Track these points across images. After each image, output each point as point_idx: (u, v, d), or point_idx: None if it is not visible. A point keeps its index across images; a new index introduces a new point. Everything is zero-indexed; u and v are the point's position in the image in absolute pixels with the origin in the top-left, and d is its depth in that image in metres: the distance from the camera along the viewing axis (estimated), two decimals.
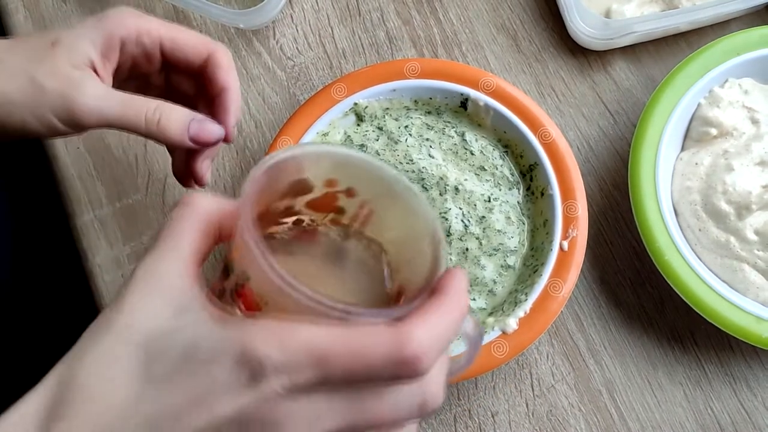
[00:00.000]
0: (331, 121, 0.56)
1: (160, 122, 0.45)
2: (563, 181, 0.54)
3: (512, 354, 0.50)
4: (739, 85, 0.57)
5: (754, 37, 0.57)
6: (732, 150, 0.56)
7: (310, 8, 0.64)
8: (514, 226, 0.55)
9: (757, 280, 0.54)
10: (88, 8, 0.64)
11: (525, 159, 0.56)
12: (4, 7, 0.64)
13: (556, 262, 0.52)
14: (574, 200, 0.54)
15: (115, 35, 0.46)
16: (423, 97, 0.57)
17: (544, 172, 0.55)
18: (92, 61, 0.46)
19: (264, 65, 0.63)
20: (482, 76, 0.56)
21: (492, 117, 0.56)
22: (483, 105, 0.56)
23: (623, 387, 0.55)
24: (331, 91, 0.56)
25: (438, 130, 0.57)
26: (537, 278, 0.52)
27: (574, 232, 0.53)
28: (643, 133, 0.56)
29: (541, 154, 0.55)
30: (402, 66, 0.56)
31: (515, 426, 0.55)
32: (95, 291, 0.58)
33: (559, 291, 0.52)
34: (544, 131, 0.55)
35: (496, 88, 0.56)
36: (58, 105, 0.44)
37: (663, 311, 0.57)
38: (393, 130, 0.57)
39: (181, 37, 0.48)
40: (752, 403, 0.55)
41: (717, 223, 0.54)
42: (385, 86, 0.56)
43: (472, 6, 0.64)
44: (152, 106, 0.46)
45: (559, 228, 0.53)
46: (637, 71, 0.62)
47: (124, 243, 0.59)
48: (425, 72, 0.56)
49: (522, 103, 0.56)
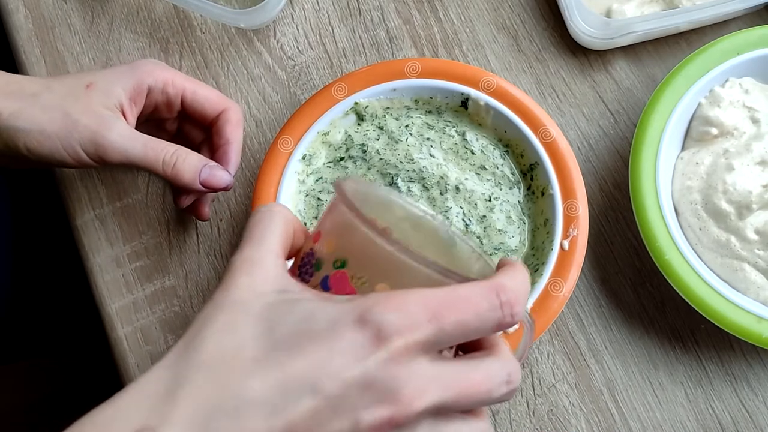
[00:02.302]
0: (332, 121, 0.56)
1: (175, 166, 0.51)
2: (564, 180, 0.54)
3: None
4: (740, 84, 0.57)
5: (754, 37, 0.57)
6: (732, 149, 0.56)
7: (310, 7, 0.64)
8: (514, 226, 0.55)
9: (757, 279, 0.54)
10: (89, 8, 0.64)
11: (525, 158, 0.56)
12: (4, 7, 0.64)
13: (556, 261, 0.52)
14: (575, 199, 0.54)
15: (144, 83, 0.52)
16: (423, 96, 0.57)
17: (545, 171, 0.55)
18: (122, 105, 0.51)
19: (264, 64, 0.63)
20: (483, 75, 0.56)
21: (492, 116, 0.56)
22: (484, 104, 0.56)
23: (624, 386, 0.55)
24: (332, 90, 0.56)
25: (438, 130, 0.57)
26: (538, 278, 0.52)
27: (574, 232, 0.53)
28: (643, 132, 0.56)
29: (542, 153, 0.55)
30: (402, 65, 0.56)
31: (516, 425, 0.55)
32: (95, 290, 0.58)
33: (559, 290, 0.52)
34: (545, 131, 0.55)
35: (496, 87, 0.56)
36: (87, 139, 0.49)
37: (663, 311, 0.57)
38: (393, 130, 0.57)
39: (202, 92, 0.54)
40: (753, 403, 0.55)
41: (717, 223, 0.54)
42: (385, 86, 0.56)
43: (472, 5, 0.64)
44: (171, 150, 0.51)
45: (559, 227, 0.53)
46: (637, 71, 0.62)
47: (124, 243, 0.59)
48: (426, 71, 0.56)
49: (522, 103, 0.56)
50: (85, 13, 0.64)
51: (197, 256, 0.59)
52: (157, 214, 0.59)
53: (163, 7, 0.64)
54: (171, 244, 0.59)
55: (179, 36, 0.63)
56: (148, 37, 0.63)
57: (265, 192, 0.54)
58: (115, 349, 0.57)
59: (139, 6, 0.64)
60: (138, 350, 0.56)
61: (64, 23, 0.63)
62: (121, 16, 0.63)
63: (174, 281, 0.58)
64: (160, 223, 0.59)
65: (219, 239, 0.59)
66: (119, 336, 0.57)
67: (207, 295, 0.58)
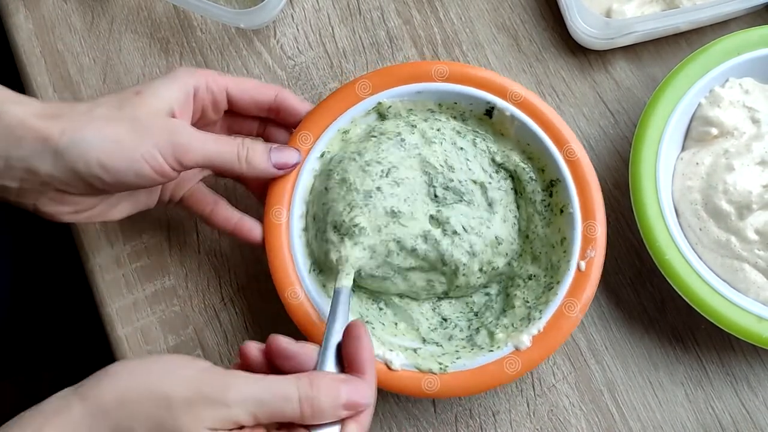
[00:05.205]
0: (353, 119, 0.55)
1: (248, 157, 0.50)
2: (585, 200, 0.53)
3: (524, 370, 0.50)
4: (740, 84, 0.57)
5: (754, 37, 0.57)
6: (732, 150, 0.56)
7: (310, 8, 0.64)
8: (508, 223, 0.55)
9: (758, 279, 0.54)
10: (89, 8, 0.64)
11: (546, 173, 0.55)
12: (5, 7, 0.64)
13: (572, 282, 0.52)
14: (594, 220, 0.52)
15: (189, 85, 0.50)
16: (447, 101, 0.55)
17: (567, 189, 0.53)
18: (173, 111, 0.49)
19: (264, 65, 0.63)
20: (510, 86, 0.55)
21: (517, 128, 0.55)
22: (509, 115, 0.55)
23: (624, 386, 0.55)
24: (356, 87, 0.55)
25: (469, 141, 0.55)
26: (552, 296, 0.52)
27: (592, 253, 0.52)
28: (643, 132, 0.56)
29: (565, 171, 0.53)
30: (430, 68, 0.55)
31: (516, 425, 0.55)
32: (95, 291, 0.58)
33: (573, 311, 0.51)
34: (569, 148, 0.54)
35: (523, 99, 0.54)
36: (165, 142, 0.47)
37: (664, 311, 0.57)
38: (426, 130, 0.55)
39: (246, 84, 0.53)
40: (753, 403, 0.55)
41: (718, 223, 0.54)
42: (411, 87, 0.55)
43: (472, 5, 0.64)
44: (239, 142, 0.50)
45: (577, 248, 0.52)
46: (637, 71, 0.62)
47: (124, 243, 0.59)
48: (453, 76, 0.55)
49: (549, 119, 0.54)
50: (85, 13, 0.64)
51: (197, 256, 0.59)
52: (157, 214, 0.59)
53: (163, 7, 0.64)
54: (171, 244, 0.59)
55: (179, 36, 0.63)
56: (148, 37, 0.63)
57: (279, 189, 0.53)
58: (115, 349, 0.57)
59: (139, 6, 0.64)
60: (138, 350, 0.56)
61: (64, 23, 0.63)
62: (121, 16, 0.63)
63: (174, 281, 0.58)
64: (160, 223, 0.59)
65: (219, 239, 0.59)
66: (119, 336, 0.57)
67: (207, 295, 0.58)
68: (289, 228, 0.53)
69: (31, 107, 0.46)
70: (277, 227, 0.53)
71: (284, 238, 0.53)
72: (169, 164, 0.47)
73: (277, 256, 0.52)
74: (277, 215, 0.53)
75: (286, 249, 0.52)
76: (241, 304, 0.58)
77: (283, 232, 0.53)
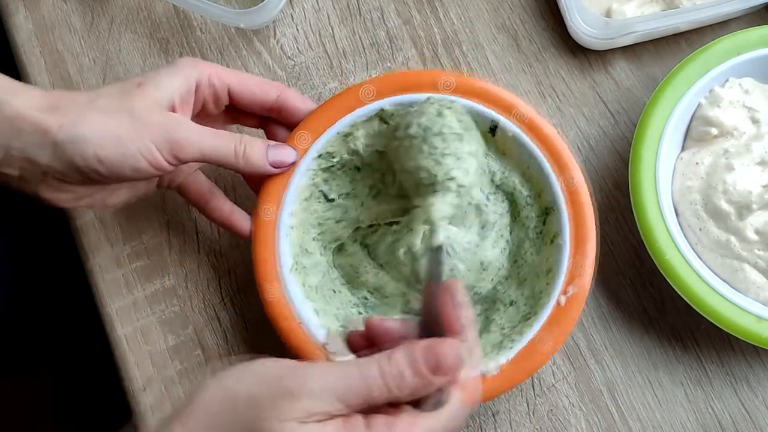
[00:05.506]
0: (354, 123, 0.54)
1: (245, 153, 0.50)
2: (578, 232, 0.51)
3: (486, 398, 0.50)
4: (740, 84, 0.57)
5: (754, 37, 0.57)
6: (732, 150, 0.56)
7: (310, 8, 0.64)
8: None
9: (757, 279, 0.54)
10: (89, 8, 0.64)
11: (543, 199, 0.53)
12: (4, 7, 0.64)
13: (549, 316, 0.50)
14: (583, 256, 0.51)
15: (191, 77, 0.50)
16: None
17: (560, 220, 0.52)
18: (174, 102, 0.49)
19: (264, 65, 0.63)
20: (517, 104, 0.53)
21: (519, 151, 0.54)
22: (512, 136, 0.53)
23: (624, 386, 0.55)
24: (360, 92, 0.54)
25: None
26: (527, 328, 0.50)
27: (574, 289, 0.51)
28: (643, 132, 0.56)
29: (560, 201, 0.52)
30: (437, 79, 0.54)
31: (516, 425, 0.55)
32: (95, 291, 0.58)
33: (545, 346, 0.50)
34: (569, 177, 0.52)
35: (529, 120, 0.53)
36: (161, 137, 0.47)
37: (663, 311, 0.57)
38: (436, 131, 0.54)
39: (250, 80, 0.52)
40: (753, 403, 0.55)
41: (717, 223, 0.54)
42: (415, 96, 0.53)
43: (472, 6, 0.64)
44: (237, 138, 0.50)
45: (561, 281, 0.51)
46: (637, 71, 0.62)
47: (124, 243, 0.59)
48: (460, 89, 0.53)
49: (553, 143, 0.53)
50: (85, 13, 0.64)
51: (197, 256, 0.59)
52: (157, 214, 0.59)
53: (163, 7, 0.64)
54: (171, 244, 0.59)
55: (179, 36, 0.63)
56: (148, 37, 0.63)
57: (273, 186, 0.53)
58: (115, 349, 0.57)
59: (139, 6, 0.64)
60: (138, 350, 0.56)
61: (64, 23, 0.63)
62: (121, 16, 0.64)
63: (174, 281, 0.58)
64: (160, 223, 0.59)
65: (219, 239, 0.59)
66: (119, 336, 0.57)
67: (207, 295, 0.58)
68: (277, 225, 0.53)
69: (31, 98, 0.47)
70: (265, 224, 0.53)
71: (271, 234, 0.53)
72: (165, 159, 0.47)
73: (261, 252, 0.52)
74: (267, 212, 0.53)
75: (271, 246, 0.52)
76: (241, 304, 0.58)
77: (271, 229, 0.53)
